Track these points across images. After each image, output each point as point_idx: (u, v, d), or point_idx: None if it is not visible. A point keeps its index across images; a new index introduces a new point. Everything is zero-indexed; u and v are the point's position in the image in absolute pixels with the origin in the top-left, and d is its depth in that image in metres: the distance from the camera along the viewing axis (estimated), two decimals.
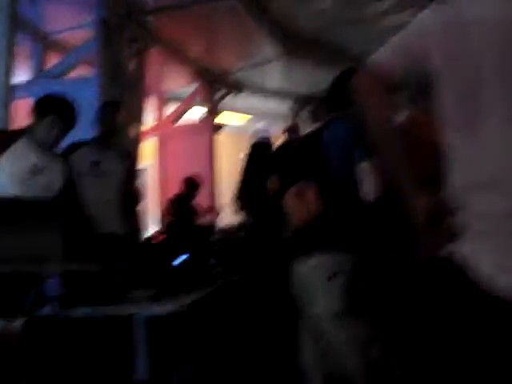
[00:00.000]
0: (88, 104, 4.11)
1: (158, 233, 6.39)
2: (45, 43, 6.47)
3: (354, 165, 2.56)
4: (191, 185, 6.87)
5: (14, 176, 3.22)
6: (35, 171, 3.29)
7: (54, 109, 3.28)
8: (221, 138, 8.72)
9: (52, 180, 3.36)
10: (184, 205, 6.77)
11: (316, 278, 2.55)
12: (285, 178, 2.74)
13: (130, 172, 4.21)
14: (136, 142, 5.96)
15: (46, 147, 3.33)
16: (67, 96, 3.43)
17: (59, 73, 6.06)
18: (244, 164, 4.69)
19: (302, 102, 9.52)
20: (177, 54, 7.37)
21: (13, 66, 4.12)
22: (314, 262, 2.55)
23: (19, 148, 3.26)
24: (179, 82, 8.59)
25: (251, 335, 4.21)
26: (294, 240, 2.65)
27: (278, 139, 4.79)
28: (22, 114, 6.40)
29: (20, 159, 3.26)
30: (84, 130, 4.12)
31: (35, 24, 6.23)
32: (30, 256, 2.66)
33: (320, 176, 2.62)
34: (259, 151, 4.62)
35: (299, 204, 2.57)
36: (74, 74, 6.33)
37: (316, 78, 8.88)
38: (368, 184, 2.50)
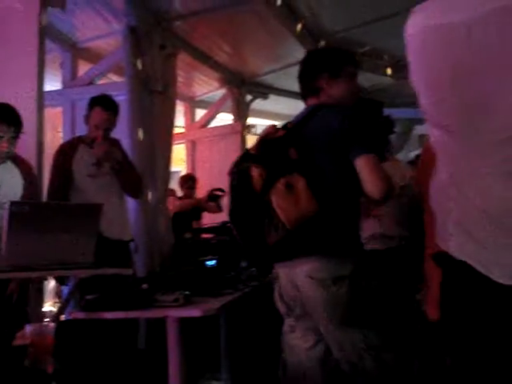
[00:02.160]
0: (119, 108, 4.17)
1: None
2: (74, 51, 6.56)
3: (350, 158, 2.34)
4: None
5: None
6: None
7: None
8: (250, 142, 8.73)
9: (12, 197, 3.18)
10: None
11: (315, 285, 2.33)
12: (270, 173, 2.35)
13: (126, 158, 4.15)
14: (167, 146, 6.00)
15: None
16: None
17: (90, 80, 6.14)
18: None
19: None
20: (205, 58, 7.40)
21: (44, 74, 4.18)
22: (311, 267, 2.33)
23: None
24: (208, 87, 8.63)
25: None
26: (283, 242, 2.33)
27: None
28: (54, 122, 6.54)
29: None
30: (116, 132, 4.19)
31: (65, 32, 6.31)
32: (64, 261, 2.70)
33: (308, 169, 2.32)
34: None
35: (289, 200, 2.25)
36: (104, 81, 6.41)
37: None
38: (370, 181, 2.28)
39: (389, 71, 7.98)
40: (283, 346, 2.60)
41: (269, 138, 2.47)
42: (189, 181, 7.26)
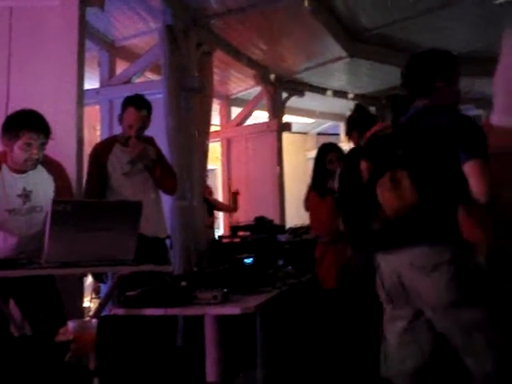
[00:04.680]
0: (156, 106, 4.20)
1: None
2: (112, 50, 6.62)
3: (457, 160, 2.42)
4: None
5: (6, 207, 3.16)
6: (26, 194, 3.20)
7: (24, 125, 3.12)
8: (285, 139, 8.73)
9: (44, 200, 3.21)
10: None
11: (416, 271, 2.45)
12: (377, 167, 2.55)
13: (160, 155, 4.18)
14: (204, 144, 6.03)
15: (29, 168, 3.22)
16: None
17: (127, 79, 6.19)
18: (313, 166, 4.65)
19: (366, 102, 9.49)
20: (241, 56, 7.41)
21: (84, 73, 4.22)
22: (413, 256, 2.45)
23: (3, 174, 3.18)
24: (243, 85, 8.64)
25: (321, 337, 4.19)
26: (385, 232, 2.51)
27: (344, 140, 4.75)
28: (92, 120, 6.62)
29: (7, 188, 3.17)
30: (153, 130, 4.24)
31: (102, 31, 6.38)
32: (105, 258, 2.73)
33: (413, 165, 2.45)
34: (327, 153, 4.59)
35: (393, 192, 2.42)
36: (141, 80, 6.47)
37: (380, 78, 8.83)
38: (477, 185, 2.38)
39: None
40: (385, 334, 2.67)
41: (379, 134, 2.68)
42: None
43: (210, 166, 6.89)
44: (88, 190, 4.01)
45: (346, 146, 6.66)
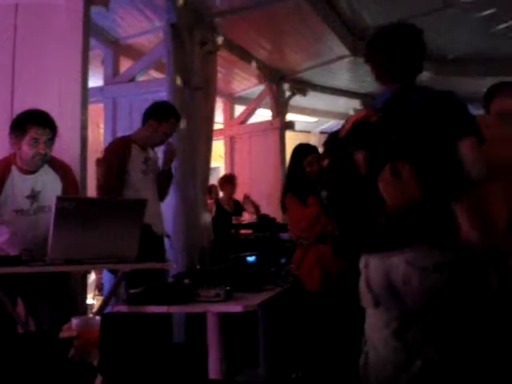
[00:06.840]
0: None
1: None
2: (116, 48, 6.63)
3: (452, 141, 2.22)
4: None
5: (14, 207, 3.19)
6: (34, 195, 3.23)
7: (30, 120, 3.17)
8: (289, 138, 8.73)
9: (51, 200, 3.09)
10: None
11: (415, 273, 2.22)
12: (374, 157, 2.27)
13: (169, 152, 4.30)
14: (207, 142, 6.04)
15: (38, 165, 3.24)
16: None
17: (131, 77, 6.20)
18: (289, 168, 4.49)
19: (369, 101, 9.45)
20: (245, 55, 7.42)
21: (88, 71, 4.23)
22: (411, 255, 2.23)
23: (12, 176, 3.21)
24: (247, 83, 8.65)
25: (322, 334, 4.20)
26: (386, 229, 2.26)
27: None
28: (96, 118, 6.62)
29: (15, 189, 3.20)
30: None
31: (107, 29, 6.39)
32: (109, 255, 2.74)
33: (411, 154, 2.21)
34: (302, 154, 4.42)
35: (395, 186, 2.18)
36: (145, 78, 6.47)
37: None
38: (472, 162, 2.18)
39: None
40: (366, 337, 2.45)
41: (364, 121, 2.35)
42: (230, 182, 7.38)
43: (213, 164, 6.90)
44: (108, 189, 4.00)
45: None
